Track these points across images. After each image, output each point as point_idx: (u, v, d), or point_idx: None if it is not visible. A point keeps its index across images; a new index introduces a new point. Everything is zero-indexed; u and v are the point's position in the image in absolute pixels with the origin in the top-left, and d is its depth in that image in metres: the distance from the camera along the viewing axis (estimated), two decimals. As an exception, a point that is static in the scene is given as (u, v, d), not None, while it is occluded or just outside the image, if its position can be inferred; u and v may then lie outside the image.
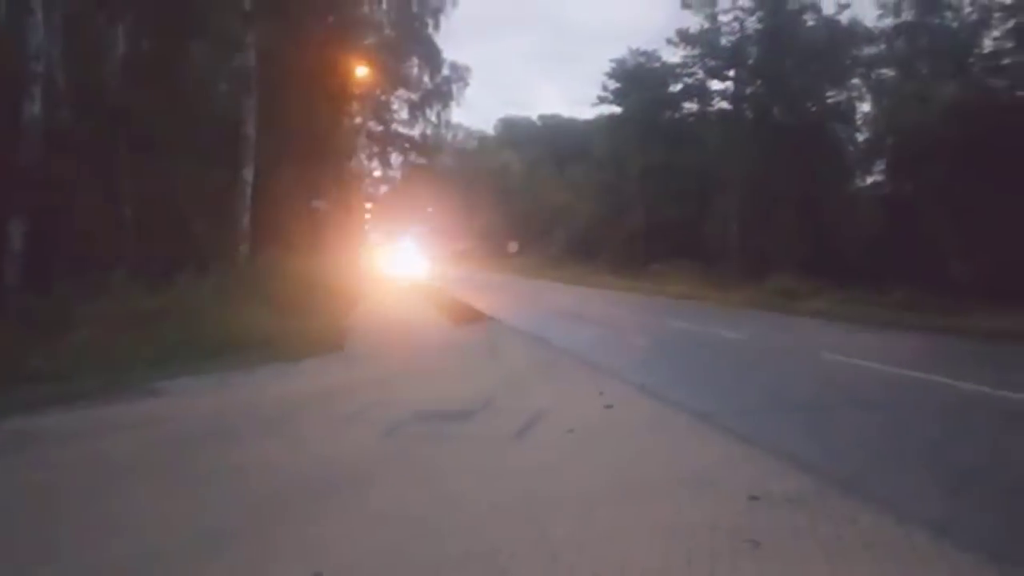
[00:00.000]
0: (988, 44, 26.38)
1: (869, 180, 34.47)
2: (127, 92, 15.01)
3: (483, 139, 69.45)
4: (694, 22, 37.81)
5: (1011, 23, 25.09)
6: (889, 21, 28.65)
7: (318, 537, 4.27)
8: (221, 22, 17.43)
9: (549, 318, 19.76)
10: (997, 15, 25.51)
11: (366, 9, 28.23)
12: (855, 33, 32.60)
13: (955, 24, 26.66)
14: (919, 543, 4.18)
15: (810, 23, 34.93)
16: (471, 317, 17.93)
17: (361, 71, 25.51)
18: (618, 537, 4.21)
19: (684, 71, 39.44)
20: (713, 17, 36.88)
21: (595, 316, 20.28)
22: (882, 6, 28.37)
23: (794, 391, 9.34)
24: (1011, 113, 24.08)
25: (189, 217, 15.13)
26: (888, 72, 30.78)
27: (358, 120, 30.12)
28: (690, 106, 40.71)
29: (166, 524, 4.51)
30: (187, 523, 4.52)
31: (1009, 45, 25.64)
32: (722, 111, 38.77)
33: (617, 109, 44.30)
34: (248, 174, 16.40)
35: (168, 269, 13.04)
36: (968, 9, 26.29)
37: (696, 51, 38.00)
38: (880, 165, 32.69)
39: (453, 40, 47.01)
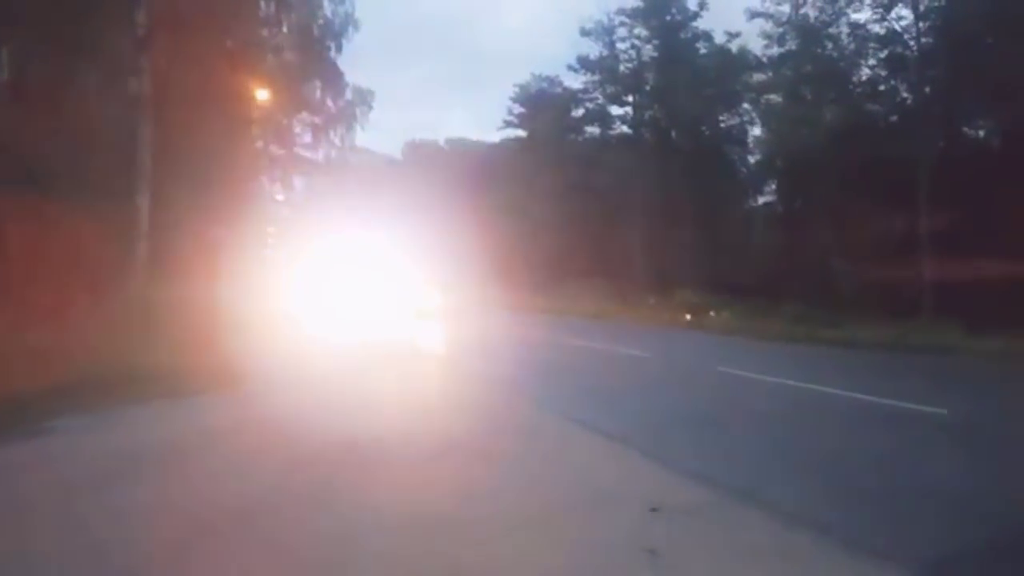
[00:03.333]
0: (865, 72, 28.24)
1: (762, 200, 36.25)
2: (12, 118, 14.31)
3: (389, 162, 69.10)
4: (594, 49, 38.97)
5: (884, 53, 26.95)
6: (775, 50, 30.24)
7: None
8: (113, 46, 16.85)
9: (461, 341, 19.82)
10: (872, 45, 27.32)
11: (265, 32, 27.82)
12: (745, 61, 34.28)
13: (835, 54, 28.34)
14: (803, 545, 4.45)
15: (703, 51, 36.53)
16: (383, 346, 17.76)
17: (262, 94, 25.09)
18: (524, 555, 4.32)
19: (586, 96, 40.56)
20: (611, 44, 38.11)
21: (507, 337, 20.45)
22: (767, 36, 29.94)
23: (693, 406, 9.68)
24: (887, 137, 25.83)
25: (80, 249, 14.49)
26: (775, 98, 32.44)
27: (259, 144, 29.55)
28: (592, 130, 41.82)
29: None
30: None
31: (883, 73, 27.53)
32: (623, 135, 40.01)
33: (523, 133, 45.11)
34: (143, 202, 15.85)
35: (59, 303, 12.44)
36: (846, 39, 28.02)
37: (596, 77, 39.14)
38: (772, 185, 34.40)
39: (357, 64, 46.86)
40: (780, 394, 10.49)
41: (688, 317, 25.66)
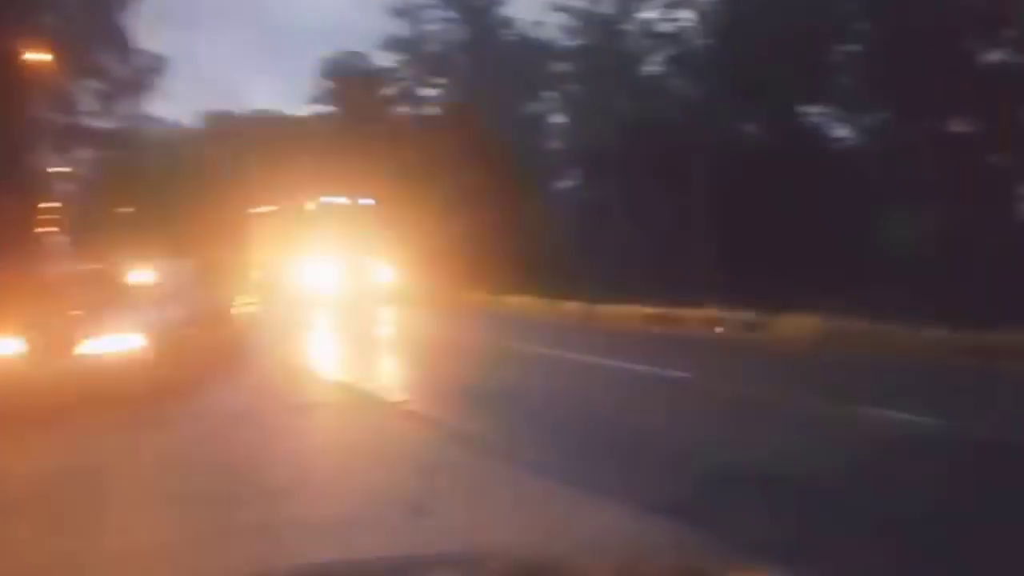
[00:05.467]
0: (655, 68, 30.49)
1: (564, 186, 38.12)
2: None
3: (187, 133, 65.16)
4: (403, 29, 39.04)
5: (671, 51, 29.29)
6: (574, 42, 31.83)
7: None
8: None
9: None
10: (659, 43, 29.55)
11: (42, -13, 25.65)
12: (548, 50, 35.71)
13: (627, 50, 30.34)
14: (532, 481, 5.42)
15: (509, 38, 37.69)
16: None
17: (39, 57, 23.15)
18: (304, 508, 4.85)
19: (395, 76, 40.59)
20: (419, 25, 38.40)
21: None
22: (566, 29, 31.48)
23: (483, 379, 10.30)
24: (673, 131, 28.14)
25: None
26: (575, 87, 34.20)
27: (37, 112, 27.16)
28: (403, 110, 41.94)
29: None
30: None
31: (669, 70, 29.92)
32: (433, 116, 40.43)
33: (332, 109, 44.43)
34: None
35: None
36: (637, 36, 30.10)
37: (406, 57, 39.32)
38: (574, 173, 36.32)
39: (149, 29, 43.58)
40: (552, 365, 11.60)
41: (488, 299, 26.70)
